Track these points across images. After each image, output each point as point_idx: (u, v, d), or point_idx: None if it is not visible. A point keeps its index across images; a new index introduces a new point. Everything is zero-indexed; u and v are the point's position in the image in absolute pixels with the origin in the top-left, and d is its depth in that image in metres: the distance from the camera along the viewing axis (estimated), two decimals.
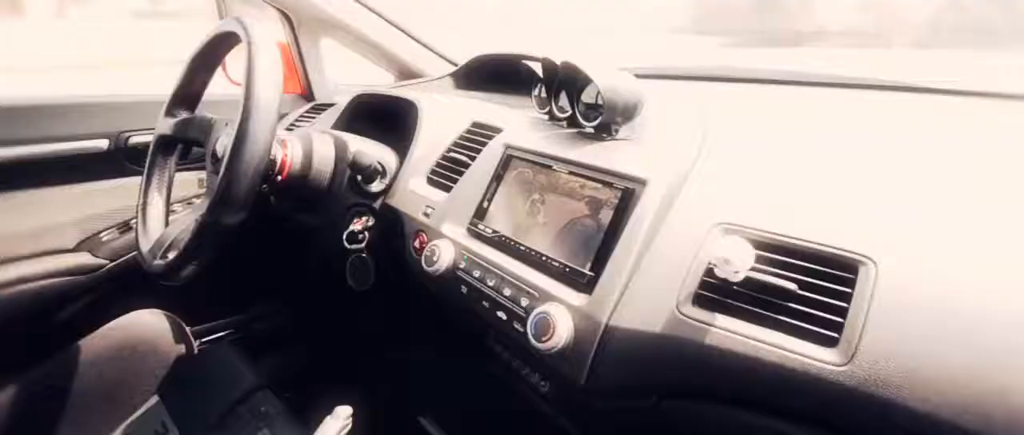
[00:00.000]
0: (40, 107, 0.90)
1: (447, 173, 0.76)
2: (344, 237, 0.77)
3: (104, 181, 0.97)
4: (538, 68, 0.74)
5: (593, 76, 0.61)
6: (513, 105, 0.93)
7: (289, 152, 0.74)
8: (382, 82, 1.29)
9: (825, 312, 0.40)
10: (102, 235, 0.99)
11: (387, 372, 1.15)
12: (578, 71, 0.64)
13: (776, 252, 0.44)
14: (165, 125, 0.74)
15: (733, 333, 0.43)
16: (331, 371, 1.20)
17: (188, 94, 0.75)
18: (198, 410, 0.75)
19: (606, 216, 0.54)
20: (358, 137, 0.83)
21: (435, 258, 0.64)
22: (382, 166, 0.80)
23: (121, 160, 0.97)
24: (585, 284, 0.52)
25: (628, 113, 0.63)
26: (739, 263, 0.43)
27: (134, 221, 1.02)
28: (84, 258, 0.96)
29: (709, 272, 0.45)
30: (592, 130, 0.66)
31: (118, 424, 0.74)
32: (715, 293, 0.45)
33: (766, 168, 0.53)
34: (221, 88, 0.84)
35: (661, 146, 0.60)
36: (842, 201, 0.46)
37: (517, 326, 0.55)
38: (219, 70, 0.77)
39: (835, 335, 0.39)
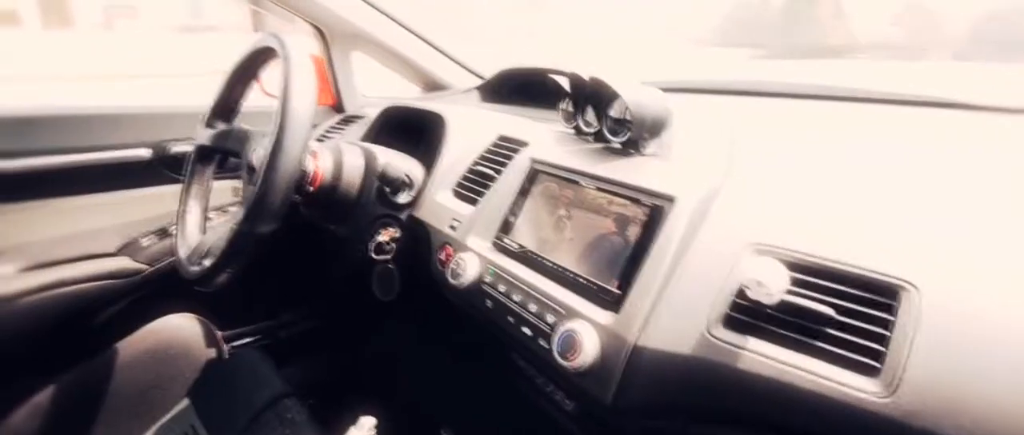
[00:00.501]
0: (88, 117, 0.95)
1: (473, 186, 0.76)
2: (371, 248, 0.78)
3: (145, 188, 1.01)
4: (565, 82, 0.75)
5: (620, 91, 0.61)
6: (539, 118, 0.93)
7: (320, 163, 0.76)
8: (409, 94, 1.31)
9: (865, 339, 0.39)
10: (141, 240, 1.03)
11: (410, 383, 1.15)
12: (605, 86, 0.64)
13: (811, 275, 0.43)
14: (204, 136, 0.77)
15: (766, 358, 0.41)
16: (355, 380, 1.22)
17: (226, 106, 0.78)
18: (226, 415, 0.76)
19: (633, 233, 0.54)
20: (386, 149, 0.84)
21: (461, 271, 0.64)
22: (409, 178, 0.81)
23: (161, 168, 1.01)
24: (612, 302, 0.51)
25: (656, 129, 0.63)
26: (773, 286, 0.42)
27: (172, 227, 1.06)
28: (124, 262, 1.00)
29: (741, 294, 0.44)
30: (619, 146, 0.66)
31: (150, 425, 0.76)
32: (747, 316, 0.44)
33: (798, 186, 0.51)
34: (255, 99, 0.87)
35: (690, 163, 0.59)
36: (879, 222, 0.44)
37: (542, 342, 0.54)
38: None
39: (876, 364, 0.38)
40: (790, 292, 0.42)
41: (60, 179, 0.92)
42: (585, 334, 0.49)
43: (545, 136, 0.77)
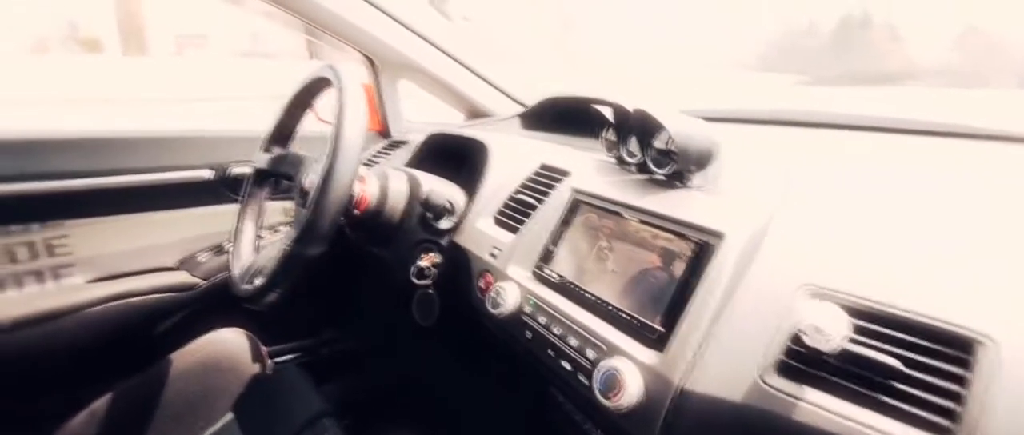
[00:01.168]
0: (158, 140, 1.02)
1: (514, 214, 0.77)
2: (412, 272, 0.79)
3: (205, 207, 1.08)
4: (608, 112, 0.75)
5: (665, 123, 0.60)
6: (580, 147, 0.93)
7: (367, 188, 0.78)
8: (452, 120, 1.34)
9: (936, 396, 0.36)
10: (199, 256, 1.09)
11: (446, 409, 1.15)
12: (650, 117, 0.63)
13: (875, 322, 0.40)
14: (262, 159, 0.82)
15: (825, 410, 0.39)
16: (391, 402, 1.22)
17: (283, 132, 0.82)
18: (267, 431, 0.78)
19: (679, 269, 0.52)
20: (430, 175, 0.86)
21: (500, 300, 0.64)
22: (451, 204, 0.82)
23: (221, 188, 1.07)
24: (656, 340, 0.50)
25: (702, 161, 0.61)
26: (833, 333, 0.39)
27: (227, 244, 1.11)
28: (182, 276, 1.06)
29: (796, 339, 0.42)
30: (664, 177, 0.65)
31: None
32: (803, 363, 0.41)
33: (858, 225, 0.49)
34: (310, 125, 0.91)
35: (739, 197, 0.57)
36: (950, 266, 0.41)
37: (583, 379, 0.53)
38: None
39: (948, 424, 0.35)
40: (852, 340, 0.40)
41: (130, 197, 0.99)
42: (628, 373, 0.48)
43: (587, 166, 0.77)
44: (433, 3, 1.18)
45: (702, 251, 0.52)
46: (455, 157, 0.98)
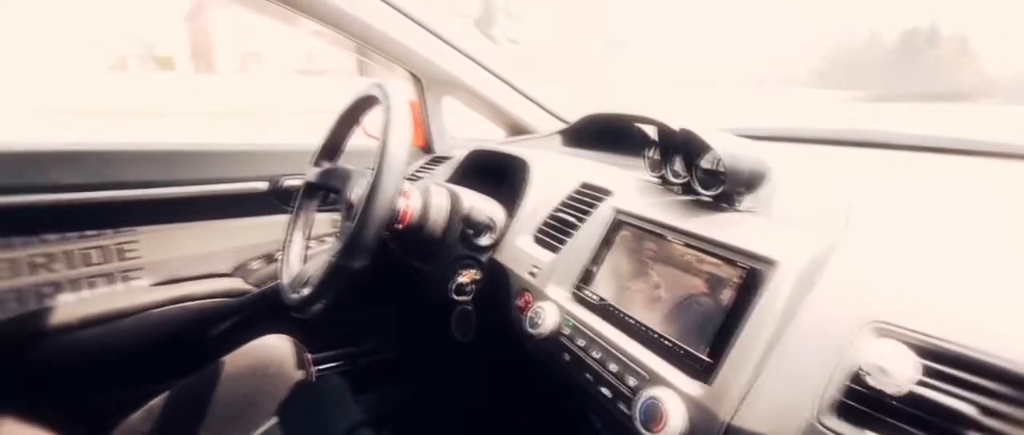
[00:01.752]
0: (218, 153, 1.08)
1: (554, 233, 0.76)
2: (451, 288, 0.80)
3: (259, 217, 1.13)
4: (652, 131, 0.73)
5: (713, 143, 0.58)
6: (622, 165, 0.92)
7: (410, 203, 0.80)
8: (494, 136, 1.36)
9: None
10: (251, 264, 1.14)
11: (482, 425, 1.14)
12: (696, 137, 0.62)
13: (946, 364, 0.37)
14: (312, 173, 0.85)
15: None
16: (428, 416, 1.23)
17: (332, 147, 0.86)
18: None
19: (727, 297, 0.50)
20: (471, 192, 0.87)
21: (539, 320, 0.64)
22: (492, 221, 0.82)
23: (274, 200, 1.13)
24: (701, 371, 0.47)
25: (753, 183, 0.59)
26: (899, 374, 0.36)
27: (277, 253, 1.17)
28: (236, 283, 1.11)
29: (857, 379, 0.39)
30: (710, 199, 0.63)
31: None
32: (865, 405, 0.38)
33: (929, 256, 0.45)
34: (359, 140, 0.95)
35: (794, 222, 0.54)
36: None
37: (623, 407, 0.51)
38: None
39: None
40: (920, 383, 0.37)
41: (192, 206, 1.06)
42: (671, 404, 0.46)
43: (629, 185, 0.75)
44: (480, 27, 1.20)
45: (752, 279, 0.49)
46: (496, 173, 0.99)
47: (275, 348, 0.91)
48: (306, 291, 0.68)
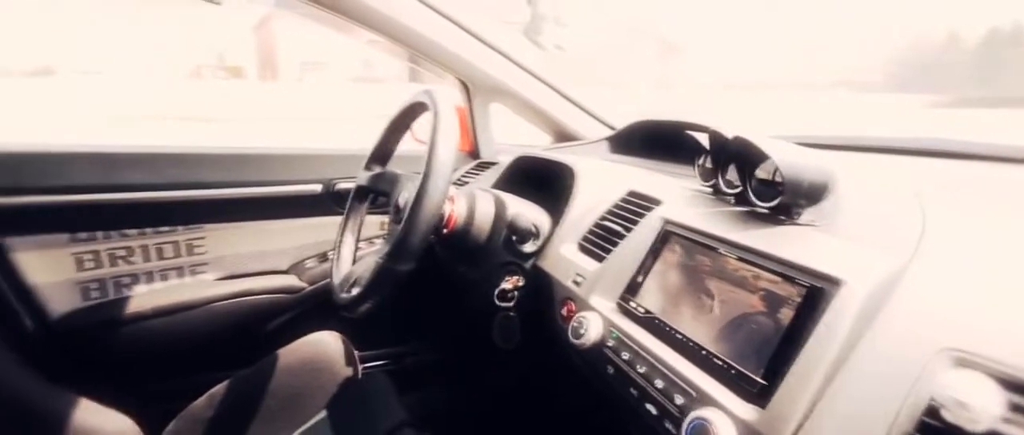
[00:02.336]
0: (277, 156, 1.14)
1: (600, 242, 0.75)
2: (495, 294, 0.80)
3: (314, 218, 1.18)
4: (704, 138, 0.70)
5: (770, 152, 0.55)
6: (671, 173, 0.89)
7: (456, 208, 0.81)
8: (539, 142, 1.36)
9: None
10: (306, 262, 1.19)
11: (521, 433, 1.14)
12: (751, 146, 0.59)
13: None
14: (363, 177, 0.88)
15: None
16: (469, 419, 1.24)
17: (383, 152, 0.88)
18: (355, 433, 0.82)
19: (785, 316, 0.47)
20: (517, 198, 0.87)
21: (582, 330, 0.62)
22: (536, 228, 0.82)
23: (328, 202, 1.17)
24: (755, 394, 0.45)
25: (814, 194, 0.55)
26: (980, 409, 0.33)
27: (330, 253, 1.21)
28: (291, 280, 1.17)
29: (932, 412, 0.36)
30: (767, 211, 0.60)
31: (293, 430, 0.85)
32: None
33: (1012, 278, 0.41)
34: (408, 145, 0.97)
35: (861, 237, 0.51)
36: None
37: (669, 426, 0.50)
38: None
39: None
40: (1005, 419, 0.33)
41: (253, 206, 1.12)
42: (722, 427, 0.44)
43: (679, 194, 0.73)
44: (527, 34, 1.21)
45: (814, 298, 0.46)
46: (542, 180, 0.98)
47: (326, 344, 0.94)
48: (355, 291, 0.70)
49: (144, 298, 1.03)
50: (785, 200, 0.56)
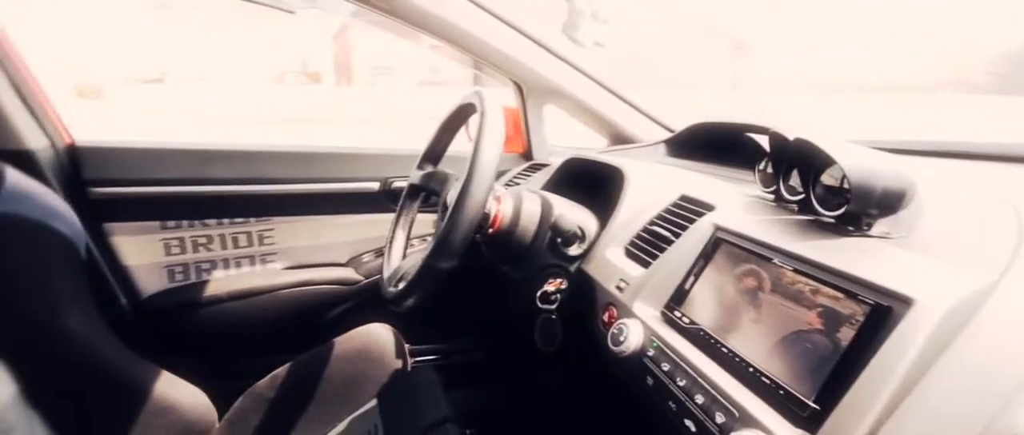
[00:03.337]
0: (340, 155, 1.21)
1: (647, 247, 0.72)
2: (537, 296, 0.79)
3: (371, 214, 1.24)
4: (764, 141, 0.66)
5: (837, 156, 0.50)
6: (731, 178, 0.84)
7: (502, 208, 0.81)
8: (595, 145, 1.33)
9: None
10: (363, 256, 1.25)
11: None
12: (815, 149, 0.54)
13: None
14: (415, 176, 0.90)
15: None
16: (511, 419, 1.24)
17: (435, 151, 0.90)
18: (401, 423, 0.84)
19: (845, 336, 0.43)
20: (564, 200, 0.86)
21: (622, 337, 0.60)
22: (582, 231, 0.80)
23: (384, 199, 1.22)
24: (805, 418, 0.41)
25: (888, 203, 0.50)
26: None
27: (385, 249, 1.26)
28: (349, 273, 1.23)
29: None
30: (833, 221, 0.55)
31: (346, 416, 0.88)
32: None
33: None
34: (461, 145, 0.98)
35: (942, 252, 0.45)
36: None
37: None
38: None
39: None
40: None
41: (317, 201, 1.19)
42: None
43: (736, 201, 0.68)
44: (565, 31, 1.19)
45: (879, 317, 0.41)
46: (593, 182, 0.96)
47: (378, 336, 0.97)
48: (401, 286, 0.72)
49: (221, 283, 1.13)
50: (852, 208, 0.51)
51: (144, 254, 1.08)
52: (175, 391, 0.82)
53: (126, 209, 1.05)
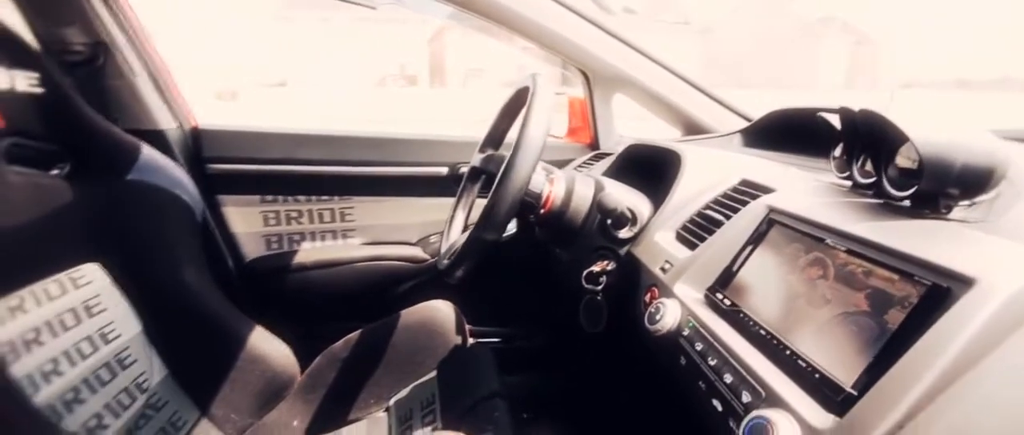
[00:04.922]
0: (413, 141, 1.29)
1: (697, 230, 0.69)
2: (583, 276, 0.79)
3: (440, 197, 1.31)
4: (836, 121, 0.60)
5: (908, 130, 0.45)
6: (809, 167, 0.78)
7: (554, 188, 0.82)
8: (669, 136, 1.29)
9: None
10: (431, 237, 1.33)
11: (607, 420, 1.11)
12: (885, 123, 0.49)
13: None
14: (476, 159, 0.94)
15: None
16: (563, 404, 1.24)
17: (495, 135, 0.94)
18: (456, 394, 0.88)
19: (892, 319, 0.39)
20: (617, 183, 0.85)
21: (659, 316, 0.59)
22: (632, 213, 0.79)
23: (451, 183, 1.29)
24: (836, 402, 0.38)
25: (971, 182, 0.44)
26: None
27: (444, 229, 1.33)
28: (417, 251, 1.31)
29: None
30: (907, 204, 0.49)
31: (408, 383, 0.94)
32: None
33: None
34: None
35: None
36: None
37: (732, 424, 0.44)
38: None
39: None
40: None
41: (392, 184, 1.28)
42: (784, 430, 0.38)
43: (800, 186, 0.64)
44: None
45: (932, 298, 0.37)
46: (652, 168, 0.94)
47: (441, 312, 1.02)
48: (451, 259, 0.76)
49: (308, 252, 1.26)
50: (925, 187, 0.45)
51: (247, 223, 1.24)
52: (266, 344, 0.93)
53: (234, 184, 1.21)
